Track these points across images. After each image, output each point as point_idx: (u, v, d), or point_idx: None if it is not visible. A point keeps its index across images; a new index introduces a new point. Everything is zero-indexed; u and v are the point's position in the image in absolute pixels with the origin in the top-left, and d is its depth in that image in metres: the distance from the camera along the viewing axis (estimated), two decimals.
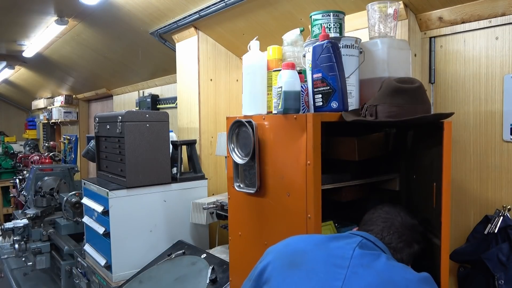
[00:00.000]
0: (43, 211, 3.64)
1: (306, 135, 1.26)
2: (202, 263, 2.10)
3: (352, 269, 0.97)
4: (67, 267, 3.03)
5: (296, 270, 1.00)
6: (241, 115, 1.55)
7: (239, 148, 1.53)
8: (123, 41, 3.54)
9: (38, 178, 4.07)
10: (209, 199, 2.44)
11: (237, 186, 1.56)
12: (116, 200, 2.30)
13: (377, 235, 1.12)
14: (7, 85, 7.58)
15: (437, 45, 1.78)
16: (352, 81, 1.38)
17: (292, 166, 1.32)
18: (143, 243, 2.40)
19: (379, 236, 1.12)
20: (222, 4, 2.27)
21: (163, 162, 2.45)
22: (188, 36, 2.78)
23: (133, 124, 2.32)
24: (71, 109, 6.39)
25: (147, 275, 2.23)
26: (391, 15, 1.47)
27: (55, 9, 3.22)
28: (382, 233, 1.13)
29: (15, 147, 7.45)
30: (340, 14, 1.48)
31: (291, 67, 1.31)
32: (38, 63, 5.27)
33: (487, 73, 1.64)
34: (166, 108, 3.67)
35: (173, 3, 2.57)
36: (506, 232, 1.53)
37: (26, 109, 8.68)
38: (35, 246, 3.37)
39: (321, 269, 0.99)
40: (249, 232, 1.56)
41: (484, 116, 1.65)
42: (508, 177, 1.59)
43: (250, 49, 1.52)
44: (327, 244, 1.05)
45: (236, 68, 2.89)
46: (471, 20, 1.64)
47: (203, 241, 2.65)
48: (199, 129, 2.75)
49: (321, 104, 1.32)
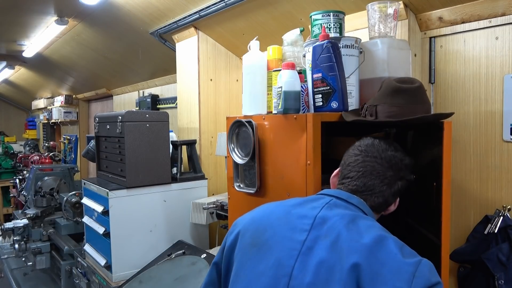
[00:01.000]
0: (43, 211, 3.63)
1: (306, 135, 1.26)
2: (202, 263, 2.10)
3: (309, 243, 0.90)
4: (67, 267, 3.03)
5: (256, 251, 0.95)
6: (241, 115, 1.55)
7: (239, 148, 1.53)
8: (123, 41, 3.55)
9: (38, 178, 4.07)
10: (209, 199, 2.44)
11: (237, 186, 1.56)
12: (116, 200, 2.30)
13: (355, 186, 1.04)
14: (7, 85, 7.58)
15: (437, 45, 1.78)
16: (352, 81, 1.38)
17: (292, 166, 1.32)
18: (143, 243, 2.40)
19: (357, 185, 1.04)
20: (222, 4, 2.27)
21: (163, 162, 2.45)
22: (188, 36, 2.78)
23: (133, 124, 2.32)
24: (71, 109, 6.39)
25: (147, 275, 2.23)
26: (391, 15, 1.47)
27: (55, 9, 3.22)
28: (361, 181, 1.04)
29: (15, 147, 7.45)
30: (340, 14, 1.48)
31: (291, 67, 1.31)
32: (38, 63, 5.27)
33: (487, 73, 1.64)
34: (166, 108, 3.67)
35: (173, 3, 2.57)
36: (506, 232, 1.53)
37: (26, 109, 8.68)
38: (35, 246, 3.36)
39: (277, 248, 0.92)
40: None
41: (484, 116, 1.66)
42: (508, 177, 1.59)
43: (250, 49, 1.52)
44: (289, 215, 0.97)
45: (236, 68, 2.89)
46: (471, 20, 1.64)
47: (203, 241, 2.65)
48: (199, 129, 2.75)
49: (321, 104, 1.32)
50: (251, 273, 0.94)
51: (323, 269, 0.85)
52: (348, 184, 1.06)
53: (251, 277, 0.93)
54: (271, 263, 0.91)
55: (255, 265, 0.94)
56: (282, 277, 0.89)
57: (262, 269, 0.92)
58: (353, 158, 1.08)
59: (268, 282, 0.90)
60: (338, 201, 1.01)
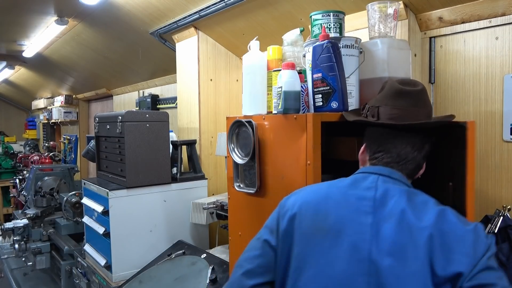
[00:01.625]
0: (43, 211, 3.64)
1: (306, 135, 1.26)
2: (202, 263, 2.09)
3: (376, 225, 0.94)
4: (67, 267, 3.03)
5: (323, 237, 0.97)
6: (241, 115, 1.55)
7: (239, 148, 1.53)
8: (123, 41, 3.55)
9: (38, 178, 4.07)
10: (209, 199, 2.44)
11: (237, 186, 1.56)
12: (116, 200, 2.30)
13: (390, 158, 1.07)
14: (7, 85, 7.58)
15: (437, 45, 1.78)
16: (352, 81, 1.38)
17: (292, 166, 1.32)
18: (143, 243, 2.40)
19: (392, 157, 1.07)
20: (222, 4, 2.28)
21: (163, 162, 2.45)
22: (188, 36, 2.78)
23: (133, 124, 2.32)
24: (71, 109, 6.39)
25: (147, 275, 2.23)
26: (391, 15, 1.47)
27: (55, 9, 3.22)
28: (394, 152, 1.07)
29: (15, 147, 7.45)
30: (340, 14, 1.48)
31: (291, 67, 1.31)
32: (38, 63, 5.27)
33: (487, 73, 1.64)
34: (166, 108, 3.67)
35: (173, 3, 2.57)
36: (506, 232, 1.53)
37: (26, 109, 8.68)
38: (35, 246, 3.37)
39: (348, 232, 0.95)
40: (249, 232, 1.56)
41: (484, 116, 1.65)
42: (508, 177, 1.59)
43: (250, 49, 1.52)
44: (347, 197, 1.01)
45: (236, 68, 2.89)
46: (471, 20, 1.64)
47: (203, 241, 2.65)
48: (199, 129, 2.75)
49: (321, 104, 1.32)
50: (323, 259, 0.95)
51: (398, 250, 0.90)
52: (382, 158, 1.08)
53: (323, 263, 0.95)
54: (345, 248, 0.94)
55: (326, 251, 0.96)
56: (361, 262, 0.92)
57: (335, 255, 0.94)
58: (379, 131, 1.11)
59: (345, 267, 0.93)
60: (382, 177, 1.04)
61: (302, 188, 1.12)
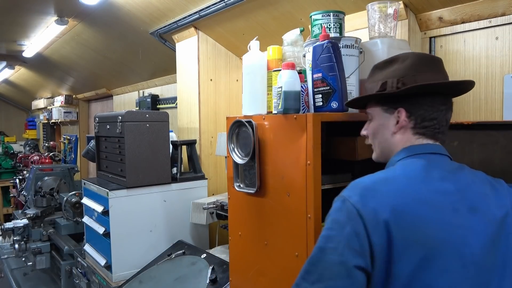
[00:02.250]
0: (43, 211, 3.63)
1: (306, 135, 1.26)
2: (202, 263, 2.10)
3: (471, 224, 0.93)
4: (67, 267, 3.03)
5: (431, 250, 0.88)
6: (241, 115, 1.55)
7: (239, 148, 1.53)
8: (123, 41, 3.55)
9: (38, 178, 4.07)
10: (209, 199, 2.44)
11: (237, 186, 1.56)
12: (116, 200, 2.30)
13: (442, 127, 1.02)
14: (7, 85, 7.58)
15: (437, 45, 1.78)
16: (352, 81, 1.38)
17: (292, 166, 1.32)
18: (143, 243, 2.40)
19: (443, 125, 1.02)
20: (222, 4, 2.28)
21: (163, 162, 2.45)
22: (188, 36, 2.78)
23: (133, 124, 2.32)
24: (71, 109, 6.39)
25: (147, 275, 2.23)
26: (391, 15, 1.47)
27: (55, 9, 3.22)
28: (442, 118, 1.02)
29: (15, 147, 7.45)
30: (340, 14, 1.48)
31: (291, 67, 1.31)
32: (38, 63, 5.27)
33: (487, 73, 1.64)
34: (166, 108, 3.67)
35: (173, 3, 2.57)
36: None
37: (26, 109, 8.68)
38: (35, 246, 3.37)
39: (454, 240, 0.90)
40: (249, 232, 1.56)
41: (484, 116, 1.65)
42: None
43: (250, 49, 1.52)
44: (432, 194, 0.92)
45: (236, 68, 2.89)
46: (471, 20, 1.64)
47: (203, 241, 2.65)
48: (199, 129, 2.75)
49: (321, 104, 1.32)
50: (443, 274, 0.88)
51: (503, 246, 0.94)
52: (434, 129, 1.01)
53: (448, 278, 0.89)
54: (460, 257, 0.90)
55: (441, 265, 0.88)
56: (465, 267, 0.90)
57: (453, 267, 0.89)
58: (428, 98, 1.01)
59: (474, 281, 0.90)
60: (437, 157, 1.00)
61: (372, 188, 0.94)
